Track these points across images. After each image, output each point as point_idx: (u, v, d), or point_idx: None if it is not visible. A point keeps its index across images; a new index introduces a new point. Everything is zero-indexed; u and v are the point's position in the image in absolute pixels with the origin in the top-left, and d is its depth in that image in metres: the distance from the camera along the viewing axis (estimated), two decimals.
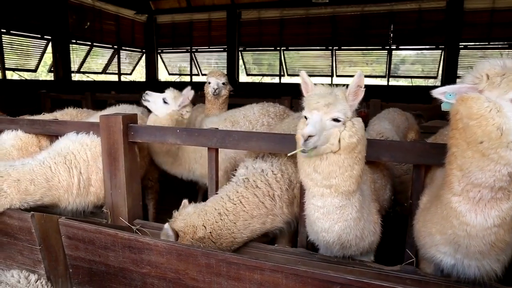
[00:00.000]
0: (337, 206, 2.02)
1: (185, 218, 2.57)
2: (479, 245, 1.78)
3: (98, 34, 13.95)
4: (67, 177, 2.99)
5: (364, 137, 1.96)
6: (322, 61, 14.29)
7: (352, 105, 1.92)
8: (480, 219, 1.71)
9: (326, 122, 1.86)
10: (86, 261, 2.45)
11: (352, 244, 2.20)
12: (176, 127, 3.09)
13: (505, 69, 1.59)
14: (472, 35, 12.01)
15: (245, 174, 2.78)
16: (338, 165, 1.89)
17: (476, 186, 1.67)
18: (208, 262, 2.08)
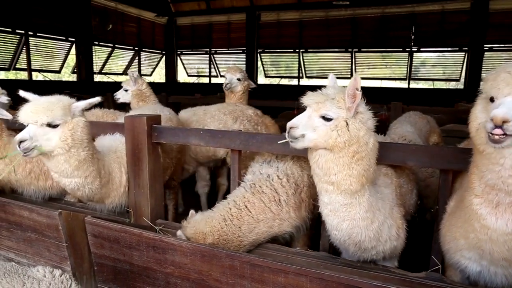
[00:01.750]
0: (342, 203, 2.09)
1: (194, 225, 2.63)
2: (502, 251, 1.75)
3: (119, 36, 14.24)
4: (119, 173, 3.06)
5: (361, 139, 1.98)
6: (341, 63, 14.17)
7: (350, 107, 1.97)
8: (501, 223, 1.71)
9: (315, 119, 2.00)
10: (111, 259, 2.49)
11: (367, 246, 2.22)
12: (200, 128, 3.11)
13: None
14: (498, 37, 11.68)
15: (252, 179, 2.80)
16: (334, 163, 1.99)
17: (492, 188, 1.69)
18: (232, 264, 2.08)
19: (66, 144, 2.49)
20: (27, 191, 3.36)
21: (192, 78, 17.45)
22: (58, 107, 2.45)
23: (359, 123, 1.98)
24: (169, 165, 3.72)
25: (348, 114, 1.97)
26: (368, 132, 2.01)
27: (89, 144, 2.67)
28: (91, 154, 2.69)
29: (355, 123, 1.97)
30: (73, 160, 2.57)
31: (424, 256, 2.69)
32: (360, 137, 1.96)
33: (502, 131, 1.52)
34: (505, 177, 1.62)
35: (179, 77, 17.52)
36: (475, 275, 2.02)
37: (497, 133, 1.53)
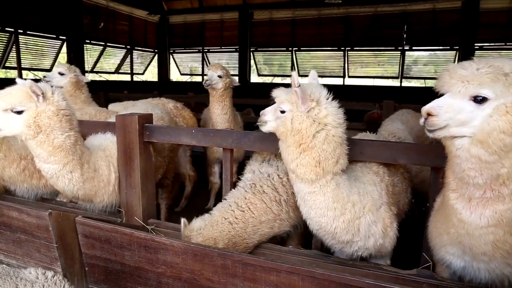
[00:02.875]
0: (306, 192, 2.23)
1: (201, 232, 2.60)
2: (480, 245, 1.80)
3: (111, 34, 14.10)
4: (107, 172, 3.03)
5: (303, 131, 2.13)
6: (334, 61, 14.20)
7: (297, 103, 2.15)
8: (475, 217, 1.76)
9: (277, 111, 2.26)
10: (102, 260, 2.48)
11: (343, 239, 2.29)
12: (192, 127, 3.10)
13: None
14: (488, 36, 11.79)
15: (252, 179, 2.79)
16: (286, 151, 2.23)
17: (462, 181, 1.76)
18: (224, 263, 2.08)
19: (32, 130, 2.55)
20: (20, 189, 3.32)
21: (185, 77, 17.37)
22: (18, 94, 2.53)
23: (303, 117, 2.13)
24: (162, 164, 3.70)
25: (300, 108, 2.14)
26: (315, 126, 2.13)
27: (65, 132, 2.66)
28: (70, 143, 2.69)
29: (298, 116, 2.15)
30: (46, 146, 2.60)
31: (417, 253, 2.70)
32: (302, 129, 2.13)
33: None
34: (466, 169, 1.69)
35: (171, 76, 17.42)
36: (460, 271, 2.05)
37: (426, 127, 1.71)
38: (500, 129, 1.56)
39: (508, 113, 1.56)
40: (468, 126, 1.63)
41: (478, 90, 1.59)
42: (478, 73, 1.60)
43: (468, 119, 1.62)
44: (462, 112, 1.63)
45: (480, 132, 1.60)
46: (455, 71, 1.67)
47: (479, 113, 1.60)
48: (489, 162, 1.62)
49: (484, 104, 1.60)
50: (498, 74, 1.58)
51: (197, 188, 6.25)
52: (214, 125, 4.52)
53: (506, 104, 1.57)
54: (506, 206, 1.69)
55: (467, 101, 1.62)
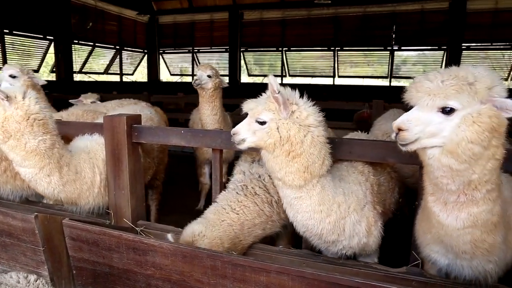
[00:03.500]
0: (293, 197, 2.20)
1: (204, 235, 2.49)
2: (459, 244, 1.83)
3: (100, 35, 13.98)
4: (91, 174, 2.99)
5: (293, 138, 2.06)
6: (324, 61, 14.29)
7: (279, 109, 2.07)
8: (451, 220, 1.79)
9: (253, 124, 2.15)
10: (90, 263, 2.44)
11: (329, 239, 2.29)
12: (181, 128, 3.07)
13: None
14: (475, 36, 12.00)
15: (243, 180, 2.77)
16: (274, 162, 2.14)
17: (437, 187, 1.77)
18: (213, 264, 2.06)
19: (0, 135, 2.51)
20: (3, 190, 3.25)
21: (175, 77, 17.29)
22: None
23: (289, 123, 2.07)
24: (151, 165, 3.67)
25: (281, 114, 2.07)
26: (303, 130, 2.09)
27: (38, 136, 2.60)
28: (45, 147, 2.62)
29: (284, 123, 2.07)
30: (19, 150, 2.55)
31: (407, 251, 2.72)
32: (291, 136, 2.06)
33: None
34: (439, 177, 1.71)
35: (161, 76, 17.33)
36: (445, 268, 2.09)
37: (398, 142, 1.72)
38: (468, 139, 1.57)
39: (475, 123, 1.57)
40: (438, 137, 1.64)
41: (444, 102, 1.60)
42: (444, 85, 1.61)
43: (437, 130, 1.63)
44: (431, 124, 1.63)
45: (450, 143, 1.61)
46: (421, 85, 1.67)
47: (448, 124, 1.61)
48: (460, 171, 1.64)
49: (452, 114, 1.61)
50: (463, 85, 1.59)
51: (187, 189, 6.22)
52: (204, 126, 4.49)
53: (473, 114, 1.58)
54: (481, 208, 1.72)
55: (436, 113, 1.63)
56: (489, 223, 1.76)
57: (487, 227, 1.77)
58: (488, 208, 1.73)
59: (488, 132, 1.57)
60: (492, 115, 1.58)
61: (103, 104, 4.80)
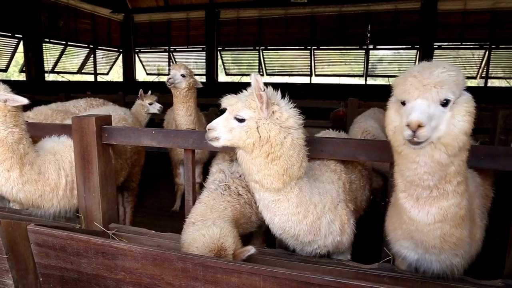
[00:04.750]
0: (270, 200, 2.14)
1: (225, 234, 2.30)
2: (429, 239, 1.86)
3: (72, 33, 13.60)
4: (56, 176, 2.89)
5: (273, 140, 2.00)
6: (301, 60, 14.39)
7: (260, 107, 1.98)
8: (422, 215, 1.81)
9: (231, 120, 2.06)
10: (57, 269, 2.36)
11: (305, 240, 2.27)
12: (152, 128, 3.01)
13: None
14: (446, 36, 12.37)
15: (224, 180, 2.73)
16: (252, 163, 2.06)
17: (412, 184, 1.78)
18: (184, 266, 2.02)
19: None
20: None
21: (151, 77, 17.02)
22: None
23: (271, 124, 1.99)
24: (123, 166, 3.59)
25: (261, 114, 1.99)
26: (283, 131, 2.02)
27: (8, 128, 2.57)
28: (12, 140, 2.58)
29: (265, 123, 1.99)
30: None
31: (379, 247, 2.76)
32: (271, 137, 1.99)
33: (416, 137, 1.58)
34: (421, 173, 1.71)
35: (138, 76, 17.03)
36: (415, 263, 2.13)
37: (415, 140, 1.59)
38: (464, 130, 1.59)
39: (467, 113, 1.59)
40: (437, 130, 1.61)
41: (447, 93, 1.59)
42: (444, 77, 1.59)
43: (438, 124, 1.61)
44: (434, 117, 1.60)
45: (447, 136, 1.60)
46: (423, 77, 1.61)
47: (444, 116, 1.61)
48: (445, 165, 1.65)
49: (447, 106, 1.61)
50: (456, 76, 1.60)
51: (163, 190, 6.14)
52: (178, 126, 4.42)
53: (463, 105, 1.60)
54: (450, 202, 1.76)
55: (437, 106, 1.60)
56: (458, 217, 1.80)
57: (456, 221, 1.81)
58: (457, 201, 1.76)
59: (473, 122, 1.61)
60: (473, 104, 1.62)
61: (73, 104, 4.67)
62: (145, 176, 6.60)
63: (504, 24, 11.73)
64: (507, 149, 2.36)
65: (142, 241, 3.06)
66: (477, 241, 2.07)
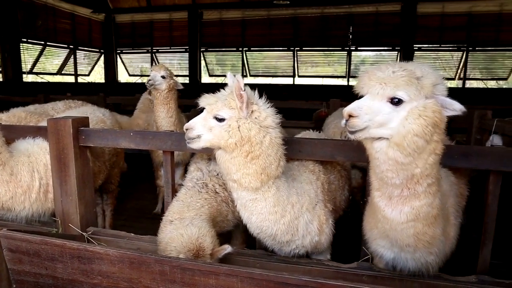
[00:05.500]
0: (248, 199, 2.16)
1: (202, 233, 2.30)
2: (403, 238, 1.90)
3: (51, 33, 13.30)
4: (29, 178, 2.81)
5: (253, 139, 2.02)
6: (284, 61, 14.45)
7: (241, 107, 2.01)
8: (395, 214, 1.85)
9: (210, 120, 2.06)
10: (32, 275, 2.30)
11: (282, 240, 2.28)
12: (130, 130, 2.98)
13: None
14: (425, 38, 12.62)
15: (201, 178, 2.72)
16: (231, 162, 2.07)
17: (382, 181, 1.83)
18: (162, 269, 2.00)
19: None
20: None
21: (134, 78, 16.80)
22: None
23: (251, 123, 2.02)
24: (102, 169, 3.53)
25: (241, 113, 2.02)
26: (262, 131, 2.05)
27: None
28: None
29: (246, 123, 2.02)
30: None
31: (358, 247, 2.79)
32: (251, 136, 2.01)
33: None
34: (384, 171, 1.76)
35: (120, 77, 16.78)
36: (391, 261, 2.16)
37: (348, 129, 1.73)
38: (414, 132, 1.63)
39: (421, 117, 1.63)
40: (386, 128, 1.68)
41: (394, 92, 1.65)
42: (394, 75, 1.66)
43: (386, 121, 1.67)
44: (380, 113, 1.67)
45: (397, 135, 1.66)
46: (373, 73, 1.72)
47: (396, 115, 1.66)
48: (404, 164, 1.70)
49: (400, 106, 1.66)
50: (412, 78, 1.65)
51: (145, 191, 6.07)
52: (159, 128, 4.38)
53: (419, 108, 1.64)
54: (422, 202, 1.80)
55: (385, 103, 1.67)
56: (430, 216, 1.84)
57: (428, 220, 1.85)
58: (429, 201, 1.80)
59: (431, 127, 1.64)
60: (436, 110, 1.65)
61: (51, 106, 4.56)
62: (127, 178, 6.52)
63: (480, 27, 12.07)
64: (479, 148, 2.43)
65: (121, 244, 3.02)
66: (451, 239, 2.11)
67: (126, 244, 3.01)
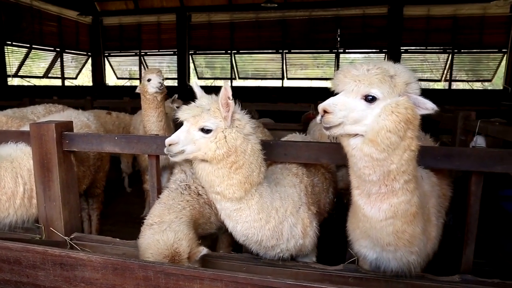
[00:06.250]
0: (232, 209, 2.15)
1: (179, 238, 2.26)
2: (383, 236, 1.92)
3: (37, 36, 13.10)
4: (12, 184, 2.76)
5: (239, 149, 2.01)
6: (273, 64, 14.47)
7: (226, 116, 2.00)
8: (374, 211, 1.87)
9: (194, 132, 2.01)
10: (12, 283, 2.25)
11: (268, 245, 2.28)
12: (114, 134, 2.95)
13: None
14: (412, 40, 12.79)
15: (185, 180, 2.71)
16: (215, 175, 2.03)
17: (360, 179, 1.85)
18: (145, 275, 1.98)
19: None
20: None
21: (122, 81, 16.66)
22: None
23: (236, 132, 2.02)
24: (86, 173, 3.49)
25: (226, 123, 2.01)
26: (245, 140, 2.05)
27: None
28: None
29: (231, 133, 2.01)
30: None
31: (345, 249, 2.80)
32: (237, 146, 2.01)
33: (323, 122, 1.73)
34: (361, 168, 1.78)
35: (108, 80, 16.61)
36: (374, 262, 2.17)
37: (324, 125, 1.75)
38: (387, 128, 1.66)
39: (393, 113, 1.66)
40: (361, 125, 1.71)
41: (368, 89, 1.68)
42: (368, 73, 1.70)
43: (360, 118, 1.70)
44: (355, 110, 1.70)
45: (371, 131, 1.69)
46: (348, 71, 1.75)
47: (370, 112, 1.70)
48: (380, 160, 1.72)
49: (374, 103, 1.69)
50: (385, 76, 1.69)
51: (132, 196, 6.02)
52: (147, 132, 4.35)
53: (392, 105, 1.67)
54: (400, 199, 1.82)
55: (360, 100, 1.71)
56: (408, 214, 1.86)
57: (407, 218, 1.87)
58: (407, 198, 1.82)
59: (404, 123, 1.67)
60: (408, 107, 1.68)
61: (31, 110, 4.50)
62: (114, 182, 6.46)
63: (464, 30, 12.29)
64: (460, 149, 2.47)
65: (106, 250, 2.99)
66: (433, 239, 2.13)
67: (111, 250, 2.98)
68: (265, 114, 8.03)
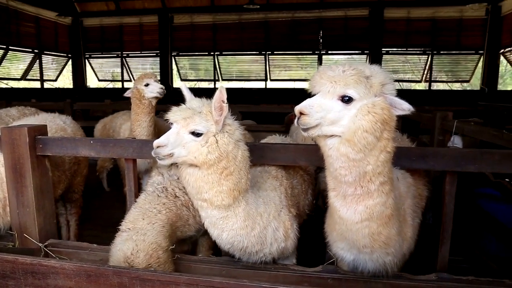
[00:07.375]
0: (218, 217, 2.10)
1: (138, 250, 2.21)
2: (359, 238, 1.92)
3: (14, 37, 12.77)
4: None
5: (230, 154, 1.99)
6: (257, 65, 14.49)
7: (218, 120, 1.96)
8: (350, 213, 1.87)
9: (184, 135, 1.96)
10: None
11: (252, 250, 2.25)
12: (90, 137, 2.89)
13: None
14: (392, 42, 13.01)
15: (162, 182, 2.67)
16: (204, 181, 1.98)
17: (336, 180, 1.85)
18: (120, 281, 1.94)
19: None
20: None
21: (104, 83, 16.40)
22: None
23: (227, 137, 1.99)
24: (61, 178, 3.40)
25: (217, 127, 1.97)
26: (236, 145, 2.03)
27: None
28: None
29: (223, 137, 1.97)
30: None
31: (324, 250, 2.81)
32: (229, 151, 1.97)
33: (297, 124, 1.74)
34: (338, 168, 1.79)
35: (89, 82, 16.34)
36: (352, 263, 2.19)
37: (300, 126, 1.73)
38: (363, 128, 1.66)
39: (370, 113, 1.67)
40: (338, 125, 1.71)
41: (344, 90, 1.68)
42: (344, 74, 1.71)
43: (337, 118, 1.70)
44: (331, 111, 1.70)
45: (348, 131, 1.69)
46: (324, 72, 1.75)
47: (347, 113, 1.70)
48: (356, 160, 1.72)
49: (350, 104, 1.70)
50: (361, 77, 1.70)
51: (114, 200, 5.91)
52: (137, 137, 4.26)
53: (368, 105, 1.68)
54: (376, 200, 1.82)
55: (336, 101, 1.71)
56: (384, 216, 1.87)
57: (382, 220, 1.88)
58: (382, 200, 1.83)
59: (380, 123, 1.68)
60: (384, 107, 1.69)
61: (4, 113, 4.38)
62: (95, 187, 6.34)
63: (443, 32, 12.59)
64: (435, 150, 2.50)
65: (83, 256, 2.92)
66: (409, 240, 2.16)
67: (88, 256, 2.91)
68: (249, 115, 8.01)
